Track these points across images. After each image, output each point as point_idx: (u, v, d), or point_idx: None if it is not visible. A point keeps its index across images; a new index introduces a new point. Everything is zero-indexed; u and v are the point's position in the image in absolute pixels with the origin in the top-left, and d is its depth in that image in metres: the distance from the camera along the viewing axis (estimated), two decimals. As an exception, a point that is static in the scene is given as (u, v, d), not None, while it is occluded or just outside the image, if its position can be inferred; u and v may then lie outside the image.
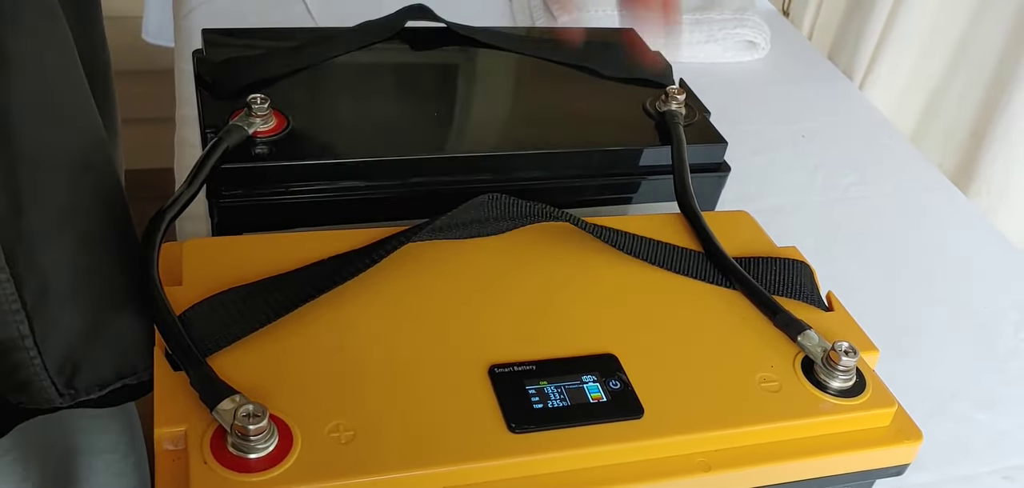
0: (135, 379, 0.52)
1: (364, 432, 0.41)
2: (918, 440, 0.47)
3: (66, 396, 0.50)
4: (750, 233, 0.59)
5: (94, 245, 0.50)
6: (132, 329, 0.51)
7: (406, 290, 0.49)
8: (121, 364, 0.51)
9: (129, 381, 0.52)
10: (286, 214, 0.56)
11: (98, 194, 0.50)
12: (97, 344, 0.50)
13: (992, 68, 1.01)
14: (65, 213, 0.49)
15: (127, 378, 0.52)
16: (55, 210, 0.48)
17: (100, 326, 0.50)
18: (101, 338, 0.50)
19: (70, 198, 0.49)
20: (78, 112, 0.50)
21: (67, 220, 0.49)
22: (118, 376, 0.51)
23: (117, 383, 0.51)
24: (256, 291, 0.47)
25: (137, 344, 0.51)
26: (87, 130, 0.51)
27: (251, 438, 0.39)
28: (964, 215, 0.88)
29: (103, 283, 0.50)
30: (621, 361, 0.47)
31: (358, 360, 0.45)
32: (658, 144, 0.64)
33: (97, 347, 0.50)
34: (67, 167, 0.49)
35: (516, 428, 0.42)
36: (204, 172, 0.52)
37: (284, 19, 0.97)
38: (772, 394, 0.47)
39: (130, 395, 0.54)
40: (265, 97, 0.57)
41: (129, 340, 0.51)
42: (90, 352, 0.50)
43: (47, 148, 0.47)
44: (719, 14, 1.08)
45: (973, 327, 0.75)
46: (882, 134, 0.99)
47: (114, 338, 0.51)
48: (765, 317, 0.51)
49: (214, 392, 0.41)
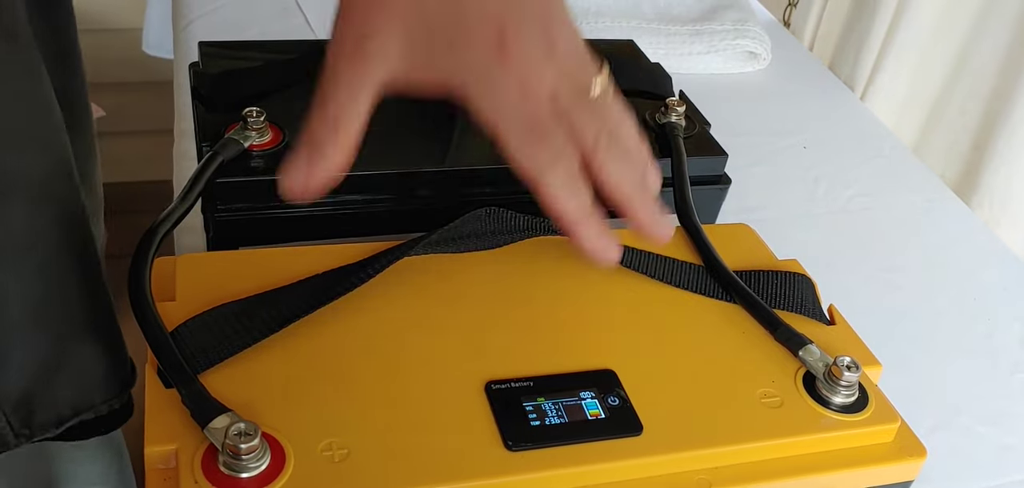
0: (92, 413, 0.50)
1: (358, 450, 0.41)
2: (922, 456, 0.47)
3: (21, 437, 0.47)
4: (751, 246, 0.58)
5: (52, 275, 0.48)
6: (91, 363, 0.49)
7: (401, 305, 0.49)
8: (79, 400, 0.49)
9: (86, 417, 0.50)
10: (282, 228, 0.55)
11: (59, 222, 0.47)
12: (56, 379, 0.48)
13: (994, 79, 1.00)
14: (21, 242, 0.45)
15: (84, 414, 0.50)
16: (9, 239, 0.44)
17: (59, 361, 0.48)
18: (60, 373, 0.48)
19: (27, 226, 0.45)
20: (41, 138, 0.46)
21: (23, 249, 0.45)
22: (75, 412, 0.49)
23: (74, 419, 0.50)
24: (250, 307, 0.46)
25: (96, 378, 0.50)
26: (50, 157, 0.47)
27: (243, 457, 0.38)
28: (967, 227, 0.88)
29: (61, 315, 0.48)
30: (620, 377, 0.46)
31: (352, 376, 0.44)
32: (657, 156, 0.63)
33: (56, 383, 0.48)
34: (25, 194, 0.45)
35: (513, 446, 0.42)
36: (199, 186, 0.52)
37: (284, 31, 0.96)
38: (773, 410, 0.46)
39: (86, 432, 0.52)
40: (261, 110, 0.56)
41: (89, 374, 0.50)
42: (48, 388, 0.47)
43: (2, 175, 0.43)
44: (719, 25, 1.08)
45: (977, 340, 0.74)
46: (884, 145, 0.98)
47: (73, 373, 0.49)
48: (766, 331, 0.50)
49: (205, 410, 0.40)
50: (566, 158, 0.43)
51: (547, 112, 0.42)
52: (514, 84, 0.42)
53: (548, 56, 0.42)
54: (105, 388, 0.51)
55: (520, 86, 0.42)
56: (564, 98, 0.43)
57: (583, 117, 0.43)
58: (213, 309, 0.45)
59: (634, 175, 0.45)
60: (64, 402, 0.48)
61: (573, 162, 0.43)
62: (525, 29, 0.42)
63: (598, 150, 0.44)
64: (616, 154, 0.44)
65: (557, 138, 0.42)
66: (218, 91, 0.61)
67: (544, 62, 0.42)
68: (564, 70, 0.43)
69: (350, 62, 0.42)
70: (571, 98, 0.43)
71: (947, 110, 1.07)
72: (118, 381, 0.52)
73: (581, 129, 0.43)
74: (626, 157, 0.45)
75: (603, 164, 0.44)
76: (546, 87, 0.42)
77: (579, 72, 0.44)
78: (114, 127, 1.69)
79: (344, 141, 0.43)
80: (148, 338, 0.43)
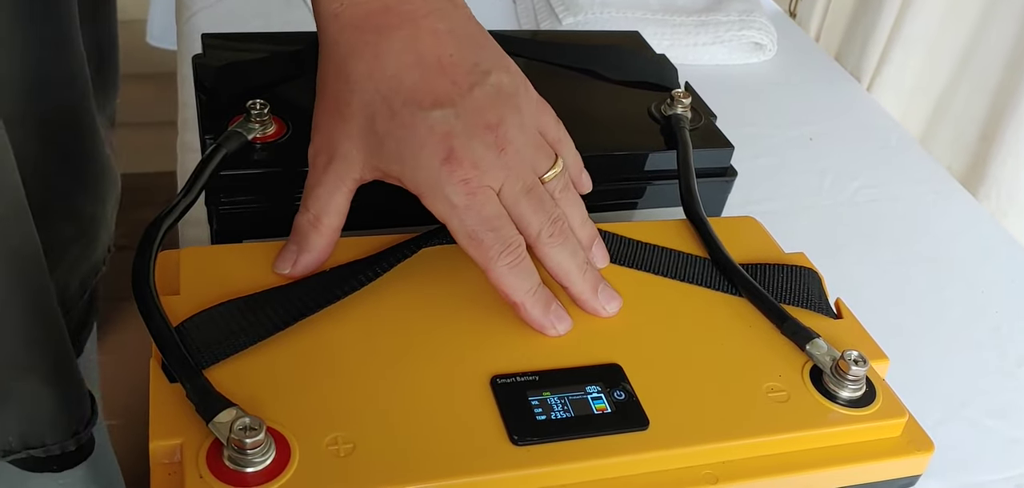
0: (42, 452, 0.50)
1: (363, 444, 0.40)
2: (929, 451, 0.46)
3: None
4: (757, 239, 0.58)
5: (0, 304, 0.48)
6: (41, 398, 0.49)
7: (407, 298, 0.49)
8: (28, 433, 0.49)
9: (36, 453, 0.50)
10: (287, 221, 0.55)
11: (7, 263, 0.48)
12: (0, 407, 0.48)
13: (1001, 70, 1.00)
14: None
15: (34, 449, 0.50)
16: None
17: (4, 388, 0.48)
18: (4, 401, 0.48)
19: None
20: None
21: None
22: (24, 445, 0.49)
23: (22, 452, 0.50)
24: (256, 303, 0.46)
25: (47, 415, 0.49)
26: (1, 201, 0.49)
27: (248, 451, 0.38)
28: (974, 218, 0.87)
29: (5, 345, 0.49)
30: (626, 371, 0.46)
31: (357, 371, 0.44)
32: (664, 148, 0.63)
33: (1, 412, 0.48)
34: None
35: (519, 440, 0.42)
36: (202, 179, 0.52)
37: (287, 23, 0.96)
38: (780, 404, 0.46)
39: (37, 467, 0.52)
40: (265, 102, 0.56)
41: (38, 409, 0.49)
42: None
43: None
44: (725, 16, 1.07)
45: (984, 332, 0.74)
46: (890, 136, 0.98)
47: (19, 403, 0.49)
48: (773, 325, 0.50)
49: (210, 404, 0.40)
50: (512, 248, 0.47)
51: (492, 210, 0.47)
52: (461, 188, 0.46)
53: (497, 158, 0.47)
54: (57, 428, 0.51)
55: (466, 189, 0.46)
56: (510, 196, 0.48)
57: (528, 211, 0.48)
58: (219, 305, 0.45)
59: (577, 260, 0.49)
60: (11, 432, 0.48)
61: (519, 251, 0.47)
62: (474, 140, 0.47)
63: (540, 241, 0.48)
64: (558, 243, 0.49)
65: (503, 231, 0.47)
66: (221, 83, 0.60)
67: (492, 165, 0.47)
68: (512, 170, 0.48)
69: (324, 170, 0.49)
70: (517, 195, 0.48)
71: (954, 101, 1.06)
72: (69, 423, 0.52)
73: (527, 222, 0.48)
74: (567, 244, 0.49)
75: (546, 253, 0.49)
76: (493, 186, 0.47)
77: (526, 171, 0.49)
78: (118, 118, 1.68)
79: (326, 234, 0.49)
80: (152, 332, 0.43)
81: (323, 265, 0.50)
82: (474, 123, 0.47)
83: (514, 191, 0.48)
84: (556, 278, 0.49)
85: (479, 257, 0.47)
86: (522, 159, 0.48)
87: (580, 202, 0.52)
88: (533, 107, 0.51)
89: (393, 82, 0.47)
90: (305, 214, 0.49)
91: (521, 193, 0.48)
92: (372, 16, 0.48)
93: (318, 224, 0.49)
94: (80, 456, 0.55)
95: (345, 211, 0.50)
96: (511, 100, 0.49)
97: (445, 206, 0.47)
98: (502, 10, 1.11)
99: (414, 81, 0.48)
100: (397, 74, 0.48)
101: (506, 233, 0.47)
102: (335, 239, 0.50)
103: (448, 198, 0.46)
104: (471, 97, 0.48)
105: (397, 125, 0.47)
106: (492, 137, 0.47)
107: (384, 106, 0.47)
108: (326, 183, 0.49)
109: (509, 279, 0.47)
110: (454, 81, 0.48)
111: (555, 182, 0.50)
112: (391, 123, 0.47)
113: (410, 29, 0.48)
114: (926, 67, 1.08)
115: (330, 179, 0.49)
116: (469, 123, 0.47)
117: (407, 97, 0.47)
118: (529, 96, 0.51)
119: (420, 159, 0.47)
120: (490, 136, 0.47)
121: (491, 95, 0.48)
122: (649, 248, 0.54)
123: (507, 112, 0.48)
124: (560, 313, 0.48)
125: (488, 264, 0.47)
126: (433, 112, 0.47)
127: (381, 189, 0.50)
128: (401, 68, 0.48)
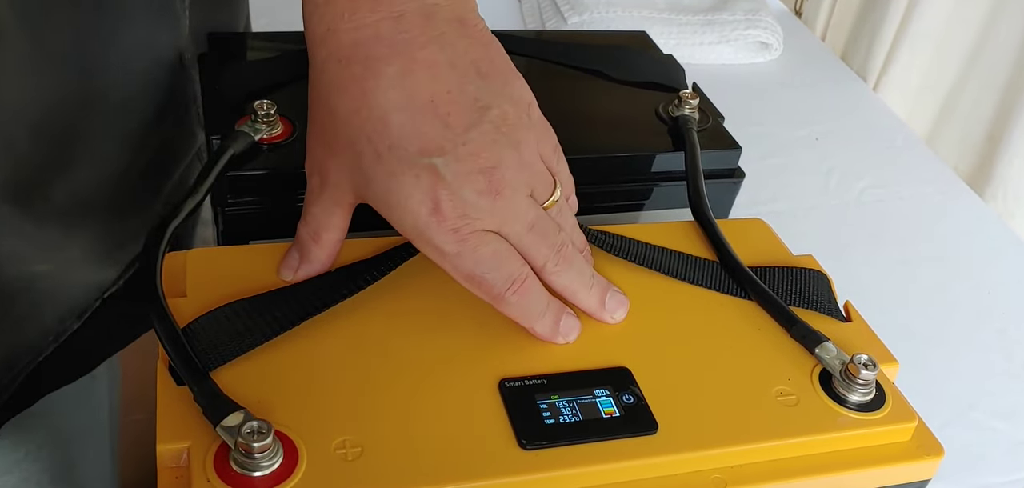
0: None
1: (371, 448, 0.40)
2: (939, 455, 0.46)
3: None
4: (766, 241, 0.57)
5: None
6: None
7: (415, 301, 0.48)
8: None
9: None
10: (293, 221, 0.55)
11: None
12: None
13: (1008, 69, 0.99)
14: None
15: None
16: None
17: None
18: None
19: None
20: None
21: None
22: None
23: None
24: (262, 304, 0.46)
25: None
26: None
27: (255, 455, 0.38)
28: (981, 219, 0.87)
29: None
30: (634, 374, 0.46)
31: (365, 373, 0.44)
32: (671, 150, 0.63)
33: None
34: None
35: (527, 445, 0.41)
36: (209, 180, 0.51)
37: (295, 21, 0.96)
38: (789, 408, 0.46)
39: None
40: (272, 103, 0.56)
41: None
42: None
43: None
44: (731, 15, 1.07)
45: (991, 334, 0.74)
46: (897, 136, 0.98)
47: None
48: (782, 329, 0.50)
49: (218, 408, 0.39)
50: (516, 282, 0.46)
51: (488, 250, 0.45)
52: (450, 237, 0.44)
53: (491, 204, 0.45)
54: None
55: (456, 237, 0.44)
56: (512, 236, 0.46)
57: (532, 246, 0.47)
58: (225, 306, 0.45)
59: (582, 278, 0.49)
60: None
61: (525, 280, 0.46)
62: (465, 188, 0.44)
63: (546, 271, 0.47)
64: (564, 267, 0.48)
65: (504, 268, 0.45)
66: (227, 83, 0.60)
67: (485, 212, 0.45)
68: (510, 212, 0.45)
69: (319, 191, 0.48)
70: (520, 234, 0.46)
71: (961, 101, 1.06)
72: None
73: (532, 255, 0.47)
74: (573, 266, 0.48)
75: (553, 280, 0.48)
76: (488, 228, 0.45)
77: (526, 210, 0.46)
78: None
79: (326, 247, 0.49)
80: (159, 334, 0.43)
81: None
82: (466, 170, 0.44)
83: (516, 231, 0.46)
84: (563, 297, 0.48)
85: (483, 295, 0.46)
86: (518, 198, 0.46)
87: (571, 213, 0.51)
88: (535, 139, 0.48)
89: (379, 125, 0.44)
90: (305, 227, 0.49)
91: (524, 231, 0.46)
92: (361, 46, 0.44)
93: (318, 238, 0.48)
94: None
95: (345, 227, 0.49)
96: (511, 135, 0.46)
97: (436, 254, 0.45)
98: (507, 8, 1.11)
99: (401, 124, 0.44)
100: (384, 116, 0.44)
101: (507, 269, 0.45)
102: (336, 252, 0.49)
103: (438, 247, 0.45)
104: (465, 140, 0.44)
105: (383, 171, 0.44)
106: (485, 182, 0.44)
107: (370, 148, 0.44)
108: (322, 203, 0.48)
109: (517, 310, 0.46)
110: (447, 124, 0.44)
111: (554, 209, 0.49)
112: (377, 167, 0.44)
113: (402, 63, 0.44)
114: (933, 67, 1.08)
115: (325, 201, 0.48)
116: (460, 171, 0.44)
117: (393, 142, 0.44)
118: (532, 125, 0.48)
119: (407, 207, 0.44)
120: (483, 181, 0.44)
121: (489, 135, 0.45)
122: (657, 250, 0.54)
123: (505, 152, 0.45)
124: (570, 324, 0.48)
125: (494, 301, 0.46)
126: (420, 160, 0.44)
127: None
128: (389, 108, 0.44)
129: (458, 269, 0.45)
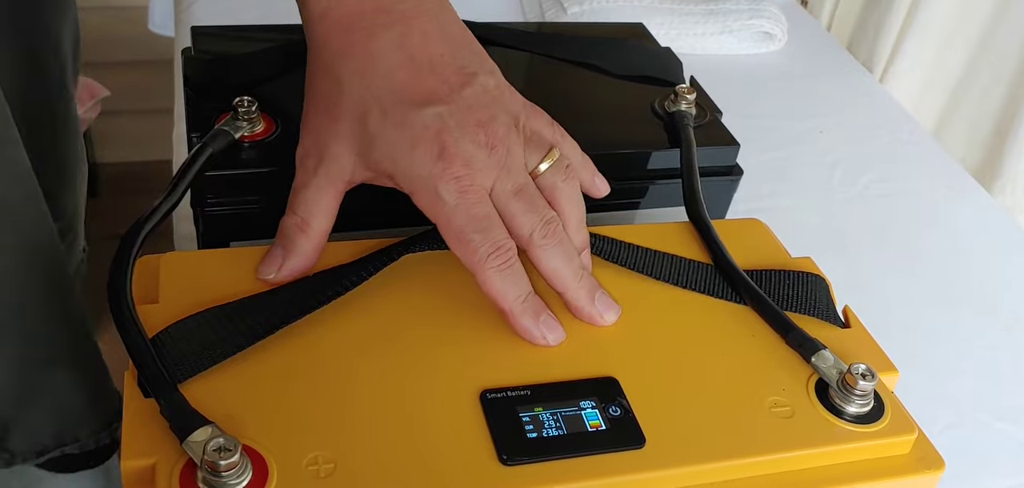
0: (76, 447, 0.49)
1: (345, 465, 0.39)
2: (940, 469, 0.45)
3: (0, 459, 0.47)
4: (763, 243, 0.56)
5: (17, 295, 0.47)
6: (70, 393, 0.48)
7: (392, 308, 0.47)
8: (61, 431, 0.48)
9: (70, 450, 0.49)
10: (276, 223, 0.53)
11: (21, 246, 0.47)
12: (31, 404, 0.47)
13: (1016, 62, 0.98)
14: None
15: (67, 446, 0.49)
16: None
17: (32, 384, 0.47)
18: (35, 398, 0.47)
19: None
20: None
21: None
22: (58, 443, 0.48)
23: (56, 451, 0.49)
24: (235, 311, 0.44)
25: (77, 409, 0.48)
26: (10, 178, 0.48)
27: (222, 473, 0.36)
28: (988, 214, 0.85)
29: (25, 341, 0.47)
30: (622, 385, 0.44)
31: (340, 384, 0.42)
32: (667, 146, 0.61)
33: (31, 408, 0.47)
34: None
35: (508, 460, 0.40)
36: (186, 180, 0.50)
37: (286, 13, 0.94)
38: (784, 421, 0.44)
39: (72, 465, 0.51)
40: (252, 99, 0.54)
41: (68, 403, 0.48)
42: (23, 412, 0.47)
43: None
44: (734, 4, 1.05)
45: (997, 333, 0.72)
46: (903, 129, 0.96)
47: (50, 398, 0.48)
48: (777, 336, 0.48)
49: (185, 422, 0.38)
50: (501, 251, 0.46)
51: (482, 210, 0.46)
52: (453, 186, 0.46)
53: (487, 157, 0.47)
54: (89, 421, 0.50)
55: (458, 187, 0.46)
56: (500, 195, 0.47)
57: (519, 211, 0.47)
58: (196, 314, 0.44)
59: (572, 265, 0.48)
60: (44, 432, 0.47)
61: (508, 254, 0.46)
62: (465, 138, 0.46)
63: (533, 243, 0.47)
64: (552, 245, 0.48)
65: (494, 232, 0.46)
66: (210, 78, 0.59)
67: (483, 164, 0.47)
68: (502, 169, 0.47)
69: (313, 172, 0.48)
70: (507, 195, 0.47)
71: (968, 93, 1.04)
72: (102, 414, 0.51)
73: (518, 223, 0.47)
74: (562, 247, 0.48)
75: (539, 256, 0.48)
76: (485, 185, 0.47)
77: (517, 170, 0.48)
78: (120, 106, 1.67)
79: (313, 237, 0.48)
80: (126, 344, 0.41)
81: (309, 270, 0.48)
82: (465, 121, 0.47)
83: (504, 190, 0.47)
84: (550, 283, 0.48)
85: (467, 259, 0.46)
86: (512, 157, 0.48)
87: (580, 204, 0.51)
88: (520, 108, 0.50)
89: (384, 81, 0.47)
90: (292, 217, 0.48)
91: (511, 193, 0.47)
92: (362, 16, 0.48)
93: (306, 227, 0.48)
94: (111, 450, 0.54)
95: (334, 214, 0.49)
96: (499, 100, 0.49)
97: (436, 203, 0.46)
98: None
99: (405, 79, 0.47)
100: (388, 73, 0.48)
101: (495, 235, 0.46)
102: (323, 243, 0.49)
103: (440, 196, 0.46)
104: (462, 96, 0.48)
105: (389, 124, 0.47)
106: (483, 135, 0.47)
107: (375, 105, 0.47)
108: (314, 185, 0.48)
109: (498, 283, 0.46)
110: (444, 80, 0.48)
111: (552, 173, 0.50)
112: (383, 122, 0.47)
113: (400, 28, 0.48)
114: (940, 58, 1.06)
115: (319, 181, 0.48)
116: (461, 121, 0.47)
117: (399, 96, 0.47)
118: (514, 98, 0.51)
119: (413, 157, 0.46)
120: (481, 134, 0.47)
121: (480, 94, 0.48)
122: (649, 253, 0.52)
123: (497, 111, 0.48)
124: (551, 323, 0.46)
125: (476, 266, 0.46)
126: (425, 110, 0.47)
127: (367, 191, 0.49)
128: (392, 67, 0.48)
129: (451, 222, 0.46)
